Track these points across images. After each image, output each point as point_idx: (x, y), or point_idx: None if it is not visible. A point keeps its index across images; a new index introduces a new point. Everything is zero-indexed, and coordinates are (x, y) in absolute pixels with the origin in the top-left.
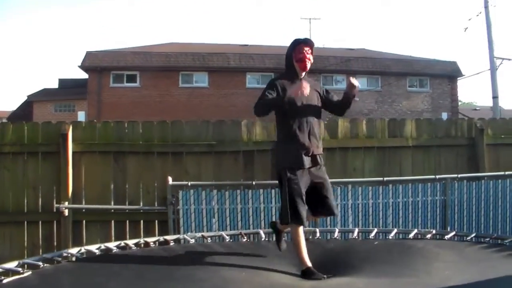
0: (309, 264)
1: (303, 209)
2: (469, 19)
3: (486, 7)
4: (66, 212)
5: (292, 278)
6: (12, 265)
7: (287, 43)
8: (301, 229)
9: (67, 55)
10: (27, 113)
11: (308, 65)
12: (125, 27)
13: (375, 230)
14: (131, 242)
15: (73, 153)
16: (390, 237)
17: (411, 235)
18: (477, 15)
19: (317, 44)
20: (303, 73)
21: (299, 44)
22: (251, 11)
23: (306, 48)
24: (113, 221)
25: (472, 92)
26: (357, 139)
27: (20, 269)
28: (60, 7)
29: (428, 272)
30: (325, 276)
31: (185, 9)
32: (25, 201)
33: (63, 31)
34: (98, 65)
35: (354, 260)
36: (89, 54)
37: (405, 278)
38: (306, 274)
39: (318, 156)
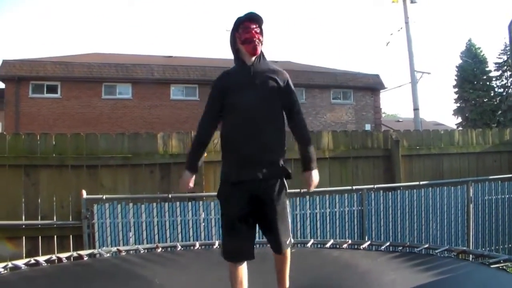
0: None
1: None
2: (391, 34)
3: (406, 22)
4: None
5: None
6: None
7: (212, 55)
8: (238, 268)
9: None
10: None
11: (259, 47)
12: (44, 36)
13: (292, 240)
14: (42, 259)
15: None
16: (307, 247)
17: (327, 245)
18: (399, 30)
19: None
20: (253, 58)
21: (243, 23)
22: (176, 22)
23: (253, 26)
24: (24, 237)
25: (396, 104)
26: None
27: None
28: None
29: (342, 281)
30: None
31: (107, 19)
32: None
33: None
34: (16, 74)
35: (264, 268)
36: (5, 63)
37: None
38: None
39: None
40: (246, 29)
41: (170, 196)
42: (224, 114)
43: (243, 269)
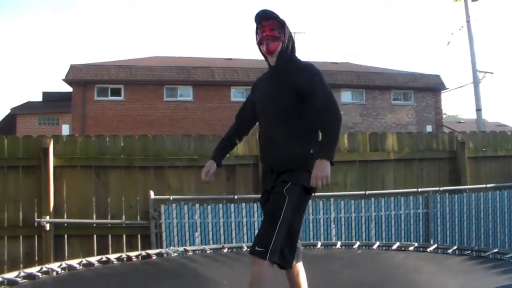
0: None
1: None
2: (452, 33)
3: (468, 21)
4: (48, 227)
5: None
6: None
7: None
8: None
9: (51, 68)
10: (10, 127)
11: (271, 46)
12: (108, 40)
13: (357, 243)
14: (113, 257)
15: (54, 167)
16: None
17: (393, 248)
18: (460, 29)
19: (302, 58)
20: (274, 59)
21: (257, 25)
22: (236, 24)
23: (266, 24)
24: (95, 236)
25: (457, 105)
26: (338, 153)
27: None
28: (44, 20)
29: (410, 283)
30: None
31: (168, 23)
32: (5, 215)
33: (47, 44)
34: (82, 78)
35: (335, 269)
36: (73, 68)
37: None
38: None
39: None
40: (259, 29)
41: (236, 197)
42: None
43: None
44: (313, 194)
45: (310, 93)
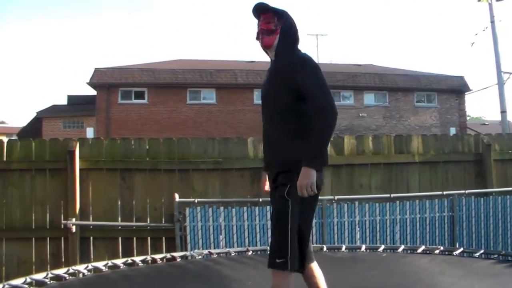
0: None
1: None
2: (476, 34)
3: (492, 22)
4: (74, 229)
5: None
6: (19, 281)
7: None
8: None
9: (76, 72)
10: (36, 130)
11: (265, 40)
12: (132, 44)
13: (382, 246)
14: (138, 259)
15: (80, 170)
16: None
17: (418, 251)
18: (484, 30)
19: (324, 60)
20: (272, 53)
21: (257, 18)
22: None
23: (262, 18)
24: (120, 238)
25: (481, 107)
26: (363, 155)
27: (26, 286)
28: (68, 25)
29: (435, 286)
30: None
31: (191, 26)
32: (33, 217)
33: (72, 48)
34: (106, 81)
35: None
36: (97, 71)
37: None
38: None
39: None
40: (257, 23)
41: (260, 200)
42: None
43: None
44: (318, 191)
45: (305, 91)
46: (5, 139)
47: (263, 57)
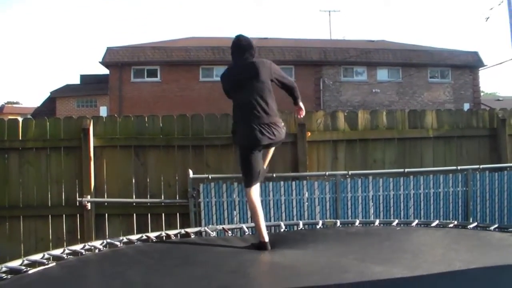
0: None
1: None
2: (491, 9)
3: None
4: (89, 206)
5: (311, 266)
6: (37, 257)
7: (306, 35)
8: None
9: (88, 51)
10: (50, 109)
11: None
12: (143, 22)
13: (396, 221)
14: (152, 235)
15: (95, 147)
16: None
17: (432, 226)
18: (499, 4)
19: (337, 36)
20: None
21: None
22: (270, 3)
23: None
24: (135, 214)
25: (495, 82)
26: (377, 130)
27: (45, 260)
28: (80, 3)
29: (450, 255)
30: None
31: (203, 3)
32: (49, 195)
33: (84, 28)
34: (119, 60)
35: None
36: (109, 50)
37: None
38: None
39: None
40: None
41: (274, 175)
42: None
43: None
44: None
45: None
46: (20, 119)
47: (276, 34)
